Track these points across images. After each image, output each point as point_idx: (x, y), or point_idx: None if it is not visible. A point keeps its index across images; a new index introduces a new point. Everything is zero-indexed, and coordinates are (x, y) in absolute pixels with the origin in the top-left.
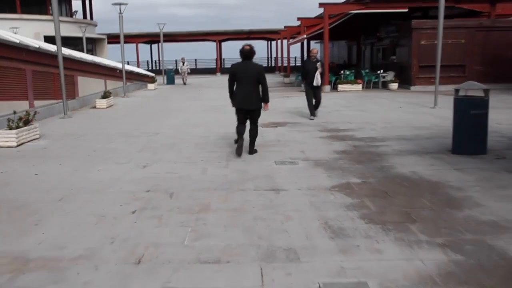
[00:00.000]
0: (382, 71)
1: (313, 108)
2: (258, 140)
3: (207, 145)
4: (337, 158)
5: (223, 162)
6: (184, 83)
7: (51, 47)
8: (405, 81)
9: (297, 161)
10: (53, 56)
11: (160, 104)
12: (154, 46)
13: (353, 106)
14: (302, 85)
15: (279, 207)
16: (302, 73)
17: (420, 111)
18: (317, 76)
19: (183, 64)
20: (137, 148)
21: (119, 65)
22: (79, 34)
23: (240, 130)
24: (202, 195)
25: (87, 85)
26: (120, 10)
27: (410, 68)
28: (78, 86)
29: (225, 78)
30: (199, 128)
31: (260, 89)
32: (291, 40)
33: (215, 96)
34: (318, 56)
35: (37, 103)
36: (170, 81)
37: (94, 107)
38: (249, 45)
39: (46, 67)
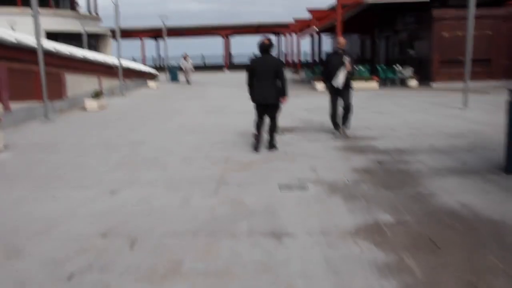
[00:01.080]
0: (398, 65)
1: (338, 120)
2: (261, 154)
3: (198, 160)
4: (358, 180)
5: (212, 185)
6: (188, 82)
7: (33, 42)
8: (424, 77)
9: (307, 184)
10: (34, 51)
11: (158, 104)
12: (161, 41)
13: (370, 107)
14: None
15: (280, 269)
16: (324, 71)
17: (449, 114)
18: (339, 75)
19: (185, 61)
20: (113, 164)
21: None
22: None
23: (258, 125)
24: (175, 244)
25: (80, 83)
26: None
27: (430, 63)
28: (66, 85)
29: (233, 75)
30: (194, 135)
31: (279, 83)
32: (300, 33)
33: (219, 96)
34: (331, 52)
35: (15, 105)
36: (174, 79)
37: (84, 109)
38: (268, 39)
39: (27, 64)
